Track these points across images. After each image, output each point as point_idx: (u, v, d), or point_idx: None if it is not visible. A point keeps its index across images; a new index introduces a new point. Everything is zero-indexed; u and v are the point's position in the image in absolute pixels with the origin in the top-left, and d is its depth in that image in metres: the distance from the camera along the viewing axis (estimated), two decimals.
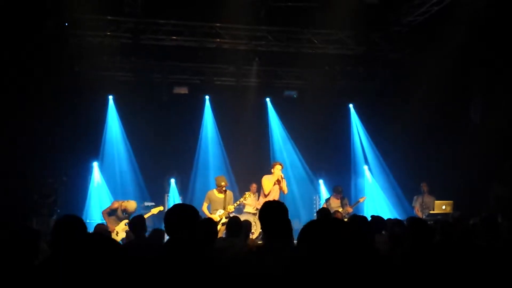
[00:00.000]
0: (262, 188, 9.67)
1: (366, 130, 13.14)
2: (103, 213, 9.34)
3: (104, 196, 12.07)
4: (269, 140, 13.19)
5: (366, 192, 12.62)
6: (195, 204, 4.70)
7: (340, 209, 10.04)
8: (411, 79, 11.06)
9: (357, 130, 13.63)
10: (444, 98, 10.55)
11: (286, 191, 9.73)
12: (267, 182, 9.58)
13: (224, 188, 9.23)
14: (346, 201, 10.78)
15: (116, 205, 9.43)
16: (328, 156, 13.47)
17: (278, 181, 9.55)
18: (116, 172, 12.53)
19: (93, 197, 12.21)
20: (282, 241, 3.26)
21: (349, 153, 13.67)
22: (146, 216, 9.25)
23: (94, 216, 11.40)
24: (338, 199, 10.71)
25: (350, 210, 10.49)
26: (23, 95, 10.09)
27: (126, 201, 9.56)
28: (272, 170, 9.72)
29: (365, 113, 13.13)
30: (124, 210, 9.24)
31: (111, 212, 9.27)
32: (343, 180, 13.17)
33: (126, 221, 8.97)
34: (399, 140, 11.75)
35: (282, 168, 9.76)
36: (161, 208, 9.85)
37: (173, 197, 12.35)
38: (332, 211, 10.05)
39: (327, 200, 10.85)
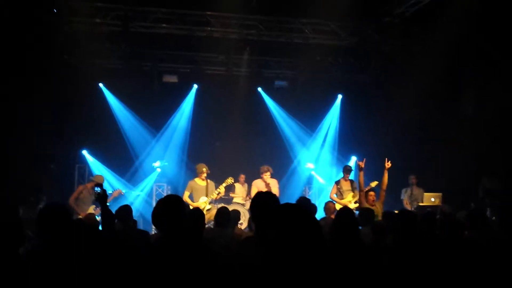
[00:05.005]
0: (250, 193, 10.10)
1: (357, 121, 13.08)
2: (70, 202, 9.20)
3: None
4: (259, 130, 13.12)
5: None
6: (180, 193, 4.68)
7: (351, 193, 9.90)
8: (403, 71, 11.05)
9: (337, 120, 13.63)
10: (435, 90, 10.56)
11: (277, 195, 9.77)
12: (256, 190, 9.75)
13: (205, 176, 9.26)
14: (355, 184, 10.06)
15: (81, 188, 9.45)
16: (318, 147, 13.52)
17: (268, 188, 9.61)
18: (105, 160, 12.45)
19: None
20: (271, 232, 3.25)
21: (337, 144, 13.71)
22: (108, 200, 9.34)
23: None
24: (347, 180, 10.18)
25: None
26: (11, 83, 9.94)
27: (91, 181, 9.65)
28: (262, 176, 9.82)
29: (356, 104, 13.10)
30: (91, 189, 9.16)
31: (78, 197, 9.25)
32: (332, 170, 13.23)
33: (94, 206, 9.08)
34: (389, 131, 11.75)
35: (270, 173, 9.84)
36: (120, 190, 10.10)
37: (156, 185, 12.56)
38: (343, 193, 9.99)
39: (338, 182, 10.26)
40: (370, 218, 6.37)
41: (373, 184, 9.55)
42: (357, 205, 9.56)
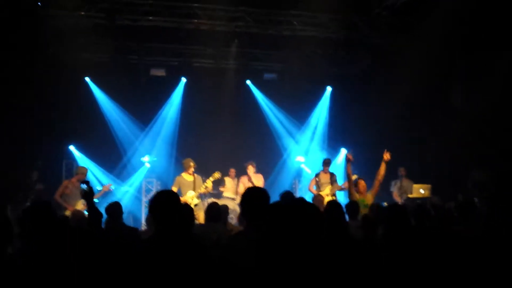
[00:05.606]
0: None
1: (346, 113, 13.08)
2: (56, 198, 9.06)
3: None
4: (249, 123, 13.06)
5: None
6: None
7: (329, 186, 9.90)
8: (392, 63, 11.02)
9: (326, 112, 13.63)
10: (425, 83, 10.56)
11: None
12: (242, 187, 9.96)
13: (192, 170, 9.27)
14: (335, 177, 10.14)
15: (66, 183, 9.36)
16: (307, 139, 13.51)
17: (251, 183, 9.79)
18: (93, 155, 12.32)
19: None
20: (262, 227, 3.23)
21: (326, 136, 13.71)
22: (97, 196, 9.25)
23: None
24: (327, 173, 10.17)
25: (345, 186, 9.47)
26: None
27: (75, 174, 9.52)
28: (247, 171, 10.04)
29: (345, 97, 13.10)
30: (77, 182, 9.04)
31: (64, 192, 9.15)
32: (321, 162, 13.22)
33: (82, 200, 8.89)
34: (378, 123, 11.75)
35: (254, 167, 10.07)
36: (110, 185, 9.99)
37: (146, 180, 12.47)
38: (321, 186, 9.99)
39: (317, 175, 10.31)
40: (357, 211, 6.38)
41: (353, 177, 9.43)
42: (334, 197, 9.60)
